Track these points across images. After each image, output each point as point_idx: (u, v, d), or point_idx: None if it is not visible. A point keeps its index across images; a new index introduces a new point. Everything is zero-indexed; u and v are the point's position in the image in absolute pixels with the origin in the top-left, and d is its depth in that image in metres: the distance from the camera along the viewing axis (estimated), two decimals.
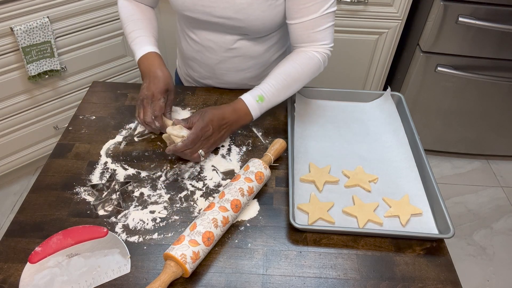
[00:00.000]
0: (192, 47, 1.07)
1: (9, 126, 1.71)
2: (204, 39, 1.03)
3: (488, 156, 2.18)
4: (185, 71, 1.19)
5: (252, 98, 0.90)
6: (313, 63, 0.95)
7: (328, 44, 0.96)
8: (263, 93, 0.91)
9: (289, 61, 0.95)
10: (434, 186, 0.82)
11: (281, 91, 0.93)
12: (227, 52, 1.03)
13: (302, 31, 0.94)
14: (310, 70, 0.96)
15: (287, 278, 0.70)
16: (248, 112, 0.90)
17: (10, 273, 0.69)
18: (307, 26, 0.92)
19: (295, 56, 0.96)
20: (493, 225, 1.87)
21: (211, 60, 1.06)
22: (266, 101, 0.91)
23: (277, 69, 0.95)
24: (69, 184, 0.84)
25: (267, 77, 0.94)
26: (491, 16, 1.58)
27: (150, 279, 0.69)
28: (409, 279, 0.70)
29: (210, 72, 1.09)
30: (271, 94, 0.92)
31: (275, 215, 0.80)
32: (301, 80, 0.95)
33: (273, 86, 0.92)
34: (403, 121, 1.00)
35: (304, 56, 0.95)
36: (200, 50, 1.06)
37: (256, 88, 0.92)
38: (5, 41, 1.52)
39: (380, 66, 1.92)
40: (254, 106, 0.90)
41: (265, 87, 0.92)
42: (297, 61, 0.95)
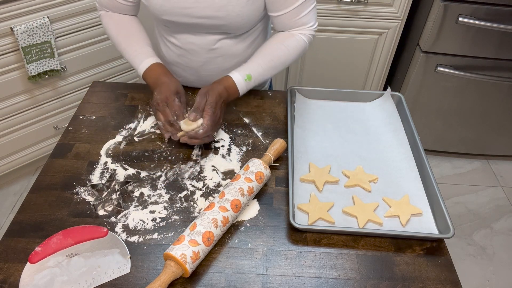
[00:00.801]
0: (174, 51, 1.07)
1: (9, 126, 1.71)
2: (185, 42, 1.02)
3: (488, 156, 2.18)
4: None
5: (240, 76, 0.95)
6: (300, 45, 1.00)
7: (313, 25, 1.01)
8: (251, 72, 0.95)
9: (276, 42, 0.99)
10: (434, 186, 0.82)
11: (267, 71, 0.98)
12: (210, 52, 1.03)
13: (287, 20, 0.98)
14: (296, 53, 1.00)
15: (287, 278, 0.70)
16: (236, 90, 0.95)
17: (10, 273, 0.69)
18: (292, 15, 0.96)
19: (282, 38, 1.00)
20: (493, 225, 1.87)
21: (194, 62, 1.06)
22: (253, 80, 0.96)
23: (264, 49, 0.99)
24: (69, 184, 0.84)
25: (255, 55, 0.98)
26: (491, 16, 1.58)
27: (150, 279, 0.69)
28: (409, 279, 0.70)
29: (194, 75, 1.09)
30: (258, 73, 0.96)
31: (275, 215, 0.80)
32: (287, 62, 1.00)
33: (261, 66, 0.96)
34: (403, 121, 1.00)
35: (291, 38, 0.99)
36: (182, 54, 1.06)
37: (245, 66, 0.96)
38: (5, 41, 1.52)
39: (380, 66, 1.92)
40: (242, 84, 0.95)
41: (253, 66, 0.96)
42: (285, 43, 0.99)
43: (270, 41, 1.01)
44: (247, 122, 1.01)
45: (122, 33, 1.02)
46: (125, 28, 1.03)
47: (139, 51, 0.99)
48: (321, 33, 1.82)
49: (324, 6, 1.73)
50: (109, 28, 1.04)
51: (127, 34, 1.02)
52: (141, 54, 0.99)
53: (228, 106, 1.04)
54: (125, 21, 1.04)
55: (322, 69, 1.96)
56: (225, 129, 0.99)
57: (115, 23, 1.03)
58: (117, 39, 1.02)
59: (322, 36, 1.83)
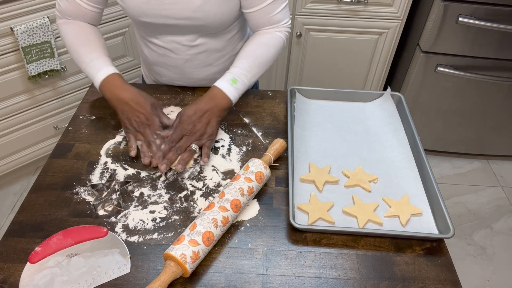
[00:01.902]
0: (156, 52, 1.06)
1: (9, 126, 1.71)
2: (167, 41, 1.02)
3: (488, 156, 2.18)
4: (152, 78, 1.18)
5: (225, 82, 0.93)
6: (278, 42, 1.00)
7: (286, 22, 1.02)
8: (234, 76, 0.94)
9: (254, 43, 1.00)
10: (434, 186, 0.82)
11: (252, 72, 0.96)
12: (191, 49, 1.03)
13: (261, 17, 0.98)
14: (276, 50, 1.00)
15: (287, 278, 0.70)
16: (225, 96, 0.92)
17: (10, 273, 0.69)
18: (265, 12, 0.97)
19: (259, 38, 1.00)
20: (493, 225, 1.87)
21: (178, 60, 1.05)
22: (240, 83, 0.94)
23: (244, 52, 0.99)
24: (69, 184, 0.84)
25: (235, 61, 0.98)
26: (491, 16, 1.58)
27: (150, 279, 0.69)
28: (409, 279, 0.70)
29: (179, 73, 1.09)
30: (244, 76, 0.95)
31: (275, 215, 0.80)
32: (269, 60, 1.00)
33: (244, 69, 0.95)
34: (403, 121, 1.00)
35: (268, 37, 1.00)
36: (164, 53, 1.05)
37: (227, 73, 0.95)
38: (5, 41, 1.52)
39: (380, 66, 1.93)
40: (230, 88, 0.93)
41: (236, 70, 0.95)
42: (263, 42, 0.99)
43: (249, 43, 1.01)
44: (247, 122, 1.01)
45: (81, 41, 0.97)
46: (85, 36, 0.98)
47: (97, 60, 0.95)
48: (321, 33, 1.82)
49: (324, 6, 1.73)
50: (68, 35, 0.99)
51: (86, 42, 0.97)
52: (99, 63, 0.94)
53: None
54: (85, 30, 1.00)
55: (322, 69, 1.96)
56: (225, 129, 0.99)
57: (74, 30, 0.99)
58: (74, 46, 0.97)
59: (322, 36, 1.83)
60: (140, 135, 0.90)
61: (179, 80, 1.11)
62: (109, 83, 0.92)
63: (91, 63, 0.95)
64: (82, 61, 0.96)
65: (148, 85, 1.14)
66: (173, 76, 1.10)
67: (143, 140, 0.89)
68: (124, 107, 0.90)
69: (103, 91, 0.93)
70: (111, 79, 0.93)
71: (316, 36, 1.83)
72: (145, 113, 0.89)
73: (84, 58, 0.96)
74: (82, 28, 1.00)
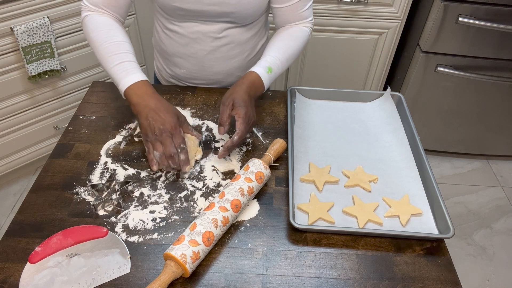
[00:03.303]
0: (178, 42, 1.06)
1: (9, 126, 1.71)
2: (191, 31, 1.02)
3: (488, 156, 2.18)
4: (168, 71, 1.16)
5: (263, 70, 0.95)
6: (305, 35, 1.05)
7: (312, 19, 1.07)
8: (270, 64, 0.96)
9: (285, 35, 1.03)
10: (434, 186, 0.82)
11: (283, 62, 0.99)
12: (215, 41, 1.04)
13: (290, 13, 1.02)
14: (303, 42, 1.04)
15: (287, 278, 0.70)
16: (262, 83, 0.94)
17: (10, 273, 0.69)
18: (296, 7, 1.01)
19: (289, 31, 1.04)
20: (493, 225, 1.87)
21: (200, 51, 1.06)
22: (273, 72, 0.97)
23: (276, 42, 1.02)
24: (69, 184, 0.84)
25: (268, 50, 1.00)
26: (491, 16, 1.58)
27: (150, 279, 0.69)
28: (409, 279, 0.70)
29: (198, 65, 1.09)
30: (276, 66, 0.97)
31: (275, 215, 0.80)
32: (298, 52, 1.04)
33: (277, 58, 0.98)
34: (403, 121, 1.00)
35: (297, 30, 1.04)
36: (187, 43, 1.05)
37: (263, 60, 0.97)
38: (5, 41, 1.52)
39: (380, 66, 1.93)
40: (266, 77, 0.95)
41: (271, 59, 0.97)
42: (293, 34, 1.03)
43: (279, 34, 1.04)
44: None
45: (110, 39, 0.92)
46: (115, 36, 0.93)
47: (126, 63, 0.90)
48: (321, 33, 1.82)
49: (324, 6, 1.73)
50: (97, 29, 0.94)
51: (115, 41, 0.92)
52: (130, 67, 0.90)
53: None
54: (115, 27, 0.95)
55: (322, 69, 1.96)
56: None
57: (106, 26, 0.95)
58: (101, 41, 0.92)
59: (322, 36, 1.83)
60: (159, 146, 0.83)
61: (196, 72, 1.11)
62: (139, 88, 0.87)
63: (119, 66, 0.90)
64: (110, 61, 0.90)
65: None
66: (192, 68, 1.10)
67: (162, 152, 0.83)
68: (150, 114, 0.84)
69: (130, 94, 0.87)
70: (142, 84, 0.88)
71: (316, 36, 1.83)
72: (170, 123, 0.84)
73: (113, 58, 0.90)
74: (112, 26, 0.95)
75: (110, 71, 0.91)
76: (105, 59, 0.91)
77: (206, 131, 0.98)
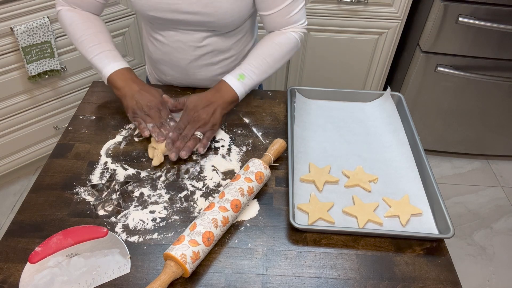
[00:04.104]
0: (160, 49, 1.06)
1: (9, 126, 1.71)
2: (172, 40, 1.02)
3: (488, 156, 2.18)
4: (155, 76, 1.17)
5: (232, 77, 0.95)
6: (291, 42, 1.01)
7: (303, 23, 1.03)
8: (243, 71, 0.95)
9: (268, 42, 1.00)
10: (434, 186, 0.82)
11: (262, 69, 0.97)
12: (197, 50, 1.03)
13: (279, 19, 0.99)
14: (288, 50, 1.01)
15: (287, 278, 0.70)
16: (231, 89, 0.94)
17: (10, 273, 0.69)
18: (283, 13, 0.97)
19: (273, 37, 1.01)
20: (493, 225, 1.87)
21: (182, 60, 1.05)
22: (247, 79, 0.95)
23: (256, 50, 1.00)
24: (69, 184, 0.84)
25: (247, 58, 0.99)
26: (491, 16, 1.58)
27: (150, 279, 0.69)
28: (409, 279, 0.70)
29: (182, 72, 1.09)
30: (252, 72, 0.96)
31: (275, 215, 0.80)
32: (282, 59, 1.01)
33: (253, 66, 0.97)
34: (403, 121, 1.00)
35: (283, 36, 1.00)
36: (170, 52, 1.05)
37: (236, 68, 0.97)
38: (5, 41, 1.52)
39: (380, 66, 1.93)
40: (236, 83, 0.94)
41: (245, 66, 0.97)
42: (275, 41, 1.00)
43: (261, 42, 1.01)
44: (247, 122, 1.01)
45: (88, 30, 0.96)
46: (93, 25, 0.97)
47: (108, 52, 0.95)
48: (321, 33, 1.82)
49: (324, 6, 1.73)
50: (73, 22, 0.97)
51: (94, 32, 0.96)
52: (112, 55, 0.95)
53: None
54: (91, 18, 0.99)
55: (322, 69, 1.96)
56: (225, 129, 0.99)
57: (81, 18, 0.98)
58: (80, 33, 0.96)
59: (322, 36, 1.83)
60: (150, 119, 0.90)
61: (183, 80, 1.11)
62: (123, 74, 0.93)
63: (102, 54, 0.95)
64: (91, 51, 0.95)
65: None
66: (177, 75, 1.10)
67: (154, 122, 0.90)
68: (135, 94, 0.91)
69: (114, 80, 0.93)
70: (125, 71, 0.94)
71: (316, 36, 1.83)
72: (156, 100, 0.91)
73: (94, 49, 0.95)
74: (88, 17, 0.99)
75: (92, 60, 0.95)
76: (85, 50, 0.96)
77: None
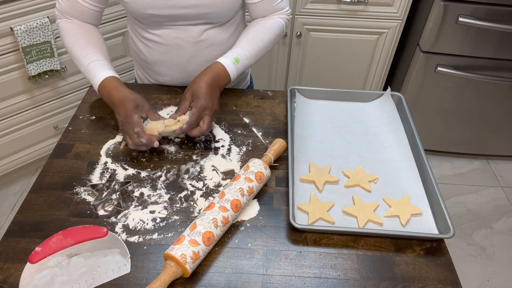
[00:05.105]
0: (157, 50, 1.05)
1: (9, 126, 1.71)
2: (169, 38, 1.02)
3: (488, 156, 2.18)
4: (151, 80, 1.16)
5: (229, 60, 0.96)
6: (278, 27, 1.04)
7: (287, 10, 1.06)
8: (238, 56, 0.97)
9: (258, 27, 1.02)
10: (434, 186, 0.82)
11: (253, 54, 1.00)
12: (196, 45, 1.03)
13: (266, 6, 1.02)
14: (276, 35, 1.04)
15: (287, 278, 0.70)
16: (227, 74, 0.95)
17: (10, 273, 0.69)
18: (269, 1, 1.01)
19: (262, 22, 1.03)
20: (493, 225, 1.87)
21: (180, 58, 1.05)
22: (241, 63, 0.97)
23: (246, 33, 1.02)
24: (69, 184, 0.84)
25: (239, 41, 1.01)
26: (491, 16, 1.58)
27: (150, 279, 0.69)
28: (409, 279, 0.70)
29: (181, 71, 1.08)
30: (245, 57, 0.98)
31: (275, 215, 0.80)
32: (270, 44, 1.03)
33: (247, 50, 0.99)
34: (403, 121, 1.00)
35: (271, 21, 1.03)
36: (167, 51, 1.04)
37: (230, 52, 0.98)
38: (5, 41, 1.52)
39: (380, 66, 1.93)
40: (232, 68, 0.96)
41: (239, 50, 0.98)
42: (265, 27, 1.02)
43: (250, 26, 1.03)
44: (247, 122, 1.01)
45: (79, 42, 0.97)
46: (84, 37, 0.98)
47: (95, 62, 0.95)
48: (321, 33, 1.82)
49: (324, 6, 1.73)
50: (68, 34, 0.98)
51: (84, 43, 0.97)
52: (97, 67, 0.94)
53: (227, 106, 1.05)
54: (85, 28, 1.00)
55: (322, 69, 1.96)
56: (225, 129, 0.99)
57: (74, 29, 0.99)
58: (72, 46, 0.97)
59: (322, 36, 1.83)
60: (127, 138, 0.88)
61: (181, 79, 1.10)
62: (105, 87, 0.93)
63: (88, 66, 0.95)
64: (81, 63, 0.96)
65: (149, 85, 1.14)
66: (175, 74, 1.10)
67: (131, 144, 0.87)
68: (115, 110, 0.91)
69: (102, 95, 0.95)
70: (107, 82, 0.93)
71: (316, 36, 1.83)
72: (124, 113, 0.88)
73: (82, 61, 0.96)
74: (82, 28, 1.00)
75: (84, 73, 0.97)
76: (78, 63, 0.97)
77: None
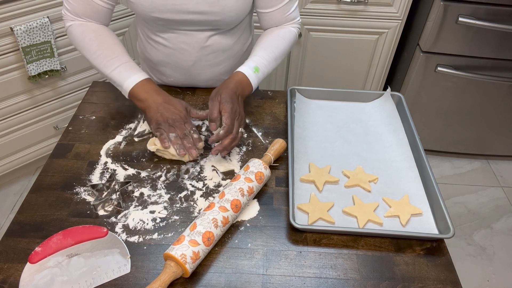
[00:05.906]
0: (162, 52, 1.05)
1: (9, 126, 1.71)
2: (175, 42, 1.01)
3: (488, 156, 2.18)
4: (155, 79, 1.16)
5: (249, 69, 0.94)
6: (292, 36, 1.04)
7: (299, 20, 1.06)
8: (257, 64, 0.95)
9: (273, 35, 1.02)
10: (434, 186, 0.82)
11: (271, 62, 0.98)
12: (201, 50, 1.02)
13: (278, 16, 1.01)
14: (291, 44, 1.04)
15: (287, 278, 0.70)
16: (249, 83, 0.93)
17: (10, 273, 0.69)
18: (282, 11, 1.00)
19: (276, 31, 1.03)
20: (493, 225, 1.87)
21: (185, 61, 1.05)
22: (261, 72, 0.96)
23: (263, 42, 1.00)
24: (69, 184, 0.84)
25: (255, 49, 0.99)
26: (491, 16, 1.58)
27: (150, 279, 0.69)
28: (409, 279, 0.70)
29: (185, 74, 1.08)
30: (264, 65, 0.96)
31: (275, 215, 0.80)
32: (285, 53, 1.02)
33: (264, 58, 0.97)
34: (403, 121, 1.00)
35: (285, 30, 1.03)
36: (172, 54, 1.04)
37: (250, 60, 0.96)
38: (5, 41, 1.52)
39: (380, 66, 1.93)
40: (253, 77, 0.94)
41: (257, 59, 0.96)
42: (280, 35, 1.02)
43: (266, 35, 1.02)
44: (247, 122, 1.01)
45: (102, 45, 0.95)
46: (106, 39, 0.96)
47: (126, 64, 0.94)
48: (321, 33, 1.82)
49: (324, 6, 1.73)
50: (86, 38, 0.95)
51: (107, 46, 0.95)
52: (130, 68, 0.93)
53: None
54: (103, 31, 0.97)
55: (322, 69, 1.96)
56: None
57: (93, 32, 0.96)
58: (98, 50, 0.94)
59: (322, 36, 1.83)
60: (174, 130, 0.88)
61: (185, 81, 1.10)
62: (144, 86, 0.92)
63: (120, 67, 0.93)
64: (109, 65, 0.93)
65: None
66: (180, 77, 1.10)
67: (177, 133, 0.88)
68: (160, 107, 0.89)
69: (136, 92, 0.91)
70: (146, 82, 0.92)
71: (316, 36, 1.83)
72: (181, 113, 0.90)
73: (112, 62, 0.93)
74: (100, 30, 0.97)
75: (111, 74, 0.93)
76: (103, 65, 0.94)
77: (206, 131, 0.98)
